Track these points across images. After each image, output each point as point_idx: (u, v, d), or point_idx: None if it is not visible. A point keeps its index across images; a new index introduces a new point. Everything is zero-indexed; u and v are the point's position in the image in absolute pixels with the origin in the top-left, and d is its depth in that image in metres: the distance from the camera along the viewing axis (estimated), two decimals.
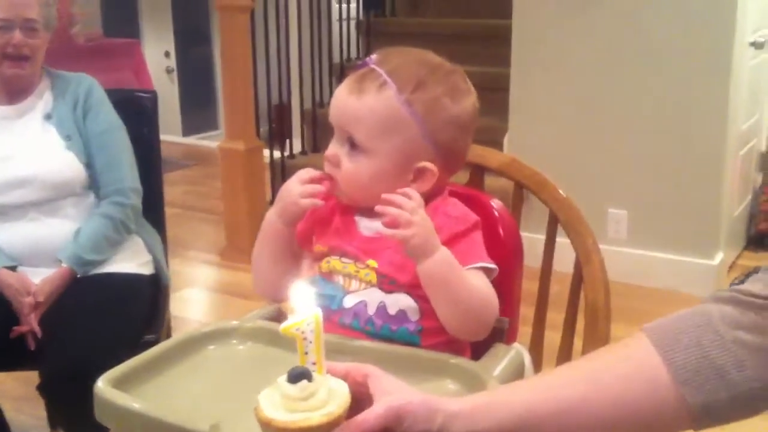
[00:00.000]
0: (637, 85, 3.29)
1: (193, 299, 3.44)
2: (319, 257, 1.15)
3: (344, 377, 0.78)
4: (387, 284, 1.09)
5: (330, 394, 0.74)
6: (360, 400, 0.78)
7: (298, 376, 0.72)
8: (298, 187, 1.10)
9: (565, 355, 1.27)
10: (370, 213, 1.12)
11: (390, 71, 1.08)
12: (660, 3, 3.21)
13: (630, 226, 3.42)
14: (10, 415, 2.26)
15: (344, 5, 5.11)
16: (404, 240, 1.02)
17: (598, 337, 1.15)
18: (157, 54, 6.98)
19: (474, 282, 1.06)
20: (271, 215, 1.14)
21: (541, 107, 3.52)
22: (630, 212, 3.42)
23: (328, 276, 1.14)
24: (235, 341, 1.05)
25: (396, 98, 1.07)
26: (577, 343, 1.25)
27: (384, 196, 1.03)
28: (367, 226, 1.13)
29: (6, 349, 1.80)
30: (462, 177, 1.26)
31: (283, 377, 0.73)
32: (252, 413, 0.73)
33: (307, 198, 1.09)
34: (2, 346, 1.79)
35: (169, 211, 2.32)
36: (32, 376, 1.74)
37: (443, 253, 1.04)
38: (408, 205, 1.02)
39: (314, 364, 0.75)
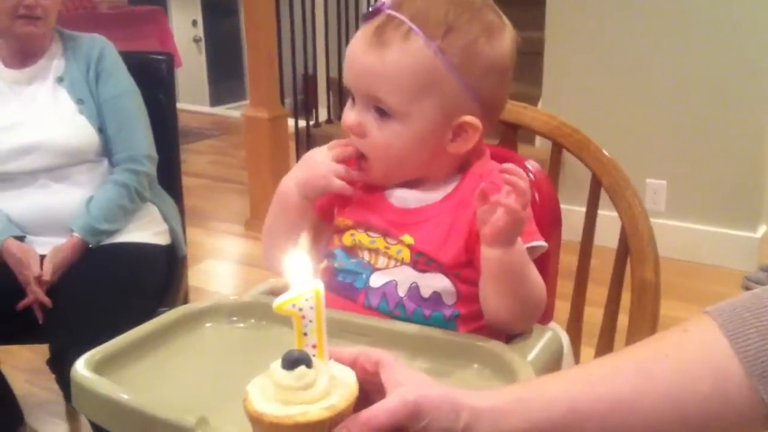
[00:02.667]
0: (677, 51, 3.17)
1: (215, 270, 3.37)
2: (341, 230, 1.02)
3: (351, 364, 0.67)
4: (422, 263, 0.96)
5: (333, 384, 0.62)
6: (370, 391, 0.66)
7: (294, 361, 0.61)
8: (331, 163, 0.97)
9: (607, 333, 1.15)
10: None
11: (413, 16, 0.91)
12: None
13: (669, 197, 3.32)
14: (23, 387, 2.21)
15: None
16: (512, 220, 0.84)
17: (646, 315, 1.03)
18: (185, 23, 6.90)
19: (536, 276, 0.93)
20: (289, 185, 1.01)
21: (577, 73, 3.41)
22: (669, 182, 3.32)
23: (351, 250, 1.00)
24: (235, 318, 0.95)
25: (426, 47, 0.91)
26: (622, 319, 1.13)
27: (506, 166, 0.85)
28: (400, 196, 0.99)
29: (14, 322, 1.74)
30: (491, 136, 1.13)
31: (277, 363, 0.62)
32: None
33: (339, 180, 0.96)
34: (10, 318, 1.73)
35: (194, 181, 2.24)
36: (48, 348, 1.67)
37: (521, 244, 0.89)
38: (527, 194, 0.85)
39: (314, 347, 0.64)
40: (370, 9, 0.95)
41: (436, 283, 0.96)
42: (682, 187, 3.29)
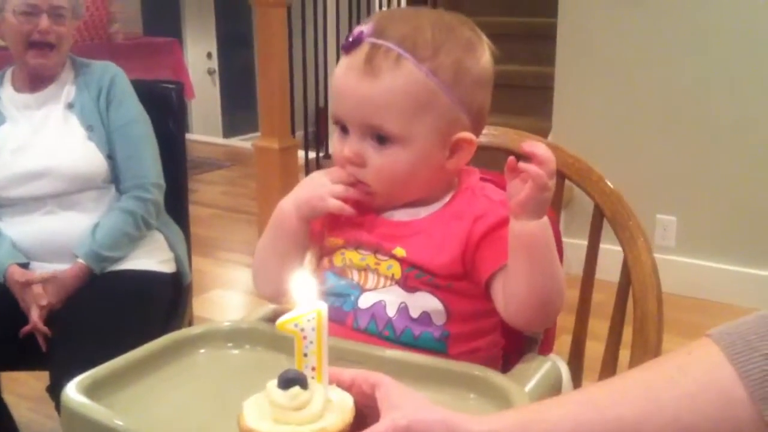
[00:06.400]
0: (689, 85, 3.16)
1: (222, 300, 3.36)
2: (330, 250, 1.02)
3: (349, 385, 0.66)
4: (412, 279, 0.95)
5: (328, 407, 0.62)
6: (366, 414, 0.65)
7: (289, 381, 0.61)
8: (329, 184, 0.98)
9: (609, 368, 1.13)
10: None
11: (399, 41, 0.93)
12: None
13: (679, 233, 3.29)
14: (26, 415, 2.20)
15: (385, 6, 5.04)
16: (537, 186, 0.84)
17: (648, 348, 1.01)
18: (200, 55, 6.97)
19: (558, 262, 0.92)
20: (288, 206, 1.00)
21: (587, 107, 3.40)
22: (679, 218, 3.28)
23: (341, 272, 1.00)
24: (230, 344, 0.93)
25: (418, 70, 0.93)
26: (623, 354, 1.11)
27: (525, 145, 0.86)
28: (392, 212, 1.00)
29: (19, 348, 1.73)
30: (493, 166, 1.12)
31: (273, 382, 0.62)
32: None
33: (336, 199, 0.97)
34: (13, 344, 1.72)
35: (205, 211, 2.23)
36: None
37: (548, 223, 0.89)
38: (551, 162, 0.86)
39: (314, 369, 0.63)
40: (350, 39, 0.96)
41: (425, 302, 0.96)
42: (693, 223, 3.26)
